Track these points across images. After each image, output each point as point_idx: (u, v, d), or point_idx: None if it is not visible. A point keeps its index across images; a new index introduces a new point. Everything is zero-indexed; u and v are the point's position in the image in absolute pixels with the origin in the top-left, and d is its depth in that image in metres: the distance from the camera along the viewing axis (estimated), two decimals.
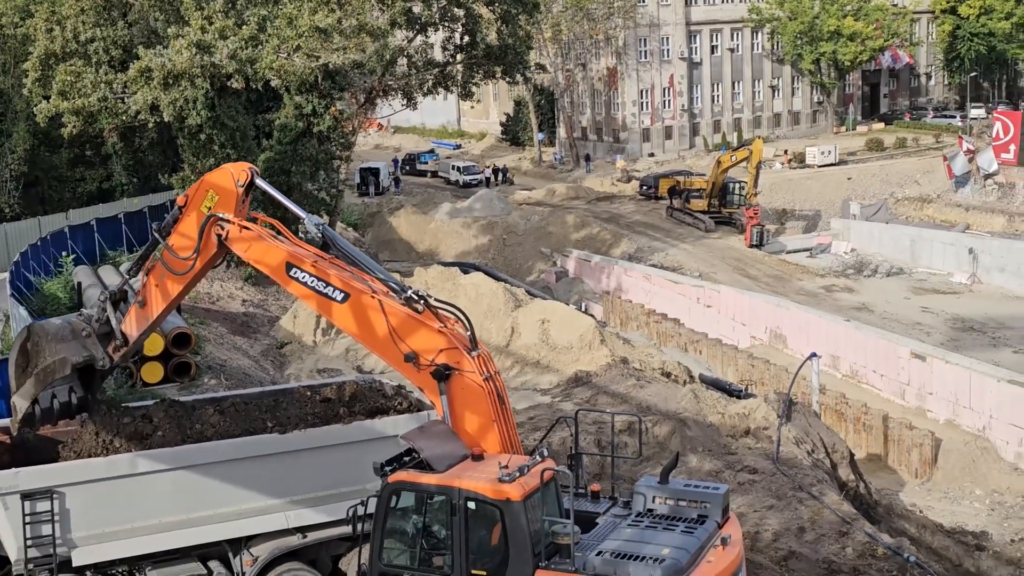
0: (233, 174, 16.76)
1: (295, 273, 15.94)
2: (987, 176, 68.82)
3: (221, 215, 16.47)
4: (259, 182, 16.89)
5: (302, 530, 18.94)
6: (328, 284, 15.72)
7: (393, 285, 15.77)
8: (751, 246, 65.09)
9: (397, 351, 15.45)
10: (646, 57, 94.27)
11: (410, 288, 15.77)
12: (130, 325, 17.65)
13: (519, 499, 14.01)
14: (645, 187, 79.29)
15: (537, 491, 14.26)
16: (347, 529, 17.03)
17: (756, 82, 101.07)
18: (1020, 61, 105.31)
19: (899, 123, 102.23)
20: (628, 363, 39.35)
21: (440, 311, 15.55)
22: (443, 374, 15.19)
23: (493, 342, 41.67)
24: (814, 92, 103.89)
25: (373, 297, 15.53)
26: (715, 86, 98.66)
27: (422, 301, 15.48)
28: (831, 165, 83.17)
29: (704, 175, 74.81)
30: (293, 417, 19.86)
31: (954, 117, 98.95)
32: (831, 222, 71.19)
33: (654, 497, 15.19)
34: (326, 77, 45.36)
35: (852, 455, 32.51)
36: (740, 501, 28.41)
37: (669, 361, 41.15)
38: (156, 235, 17.27)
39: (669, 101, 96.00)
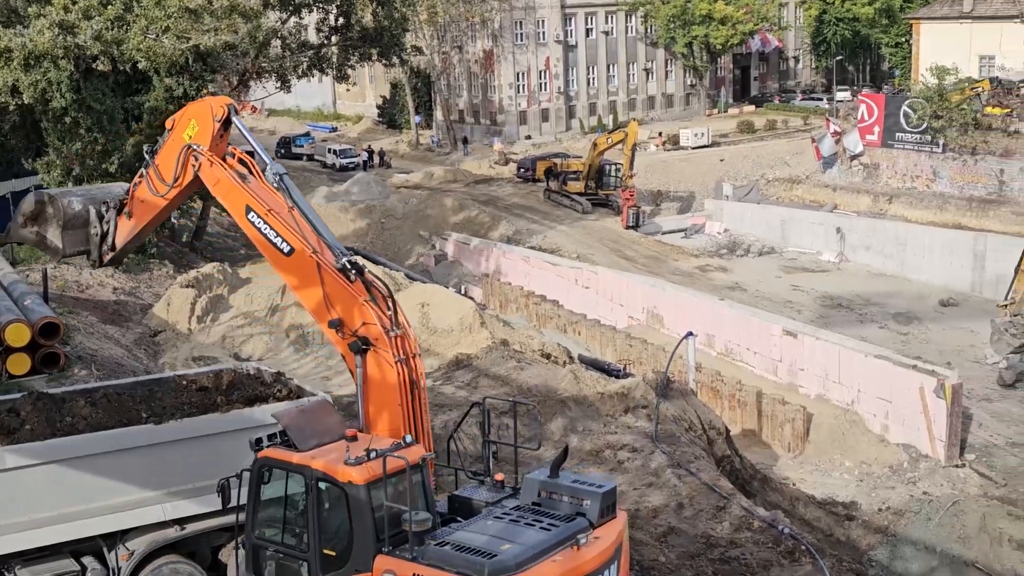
0: (212, 108, 17.45)
1: (251, 217, 16.62)
2: (853, 157, 70.76)
3: (196, 146, 17.30)
4: (235, 120, 17.52)
5: (180, 522, 18.53)
6: (278, 235, 16.26)
7: (335, 250, 16.02)
8: (628, 227, 65.89)
9: (326, 314, 15.84)
10: (522, 40, 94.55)
11: (347, 256, 15.91)
12: (119, 233, 18.89)
13: (362, 483, 14.03)
14: (523, 169, 79.59)
15: (388, 477, 13.95)
16: (227, 519, 16.80)
17: (631, 65, 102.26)
18: (883, 45, 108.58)
19: (769, 106, 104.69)
20: (508, 345, 39.45)
21: (374, 286, 15.73)
22: (360, 348, 15.39)
23: None
24: (687, 75, 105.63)
25: (312, 257, 15.82)
26: (591, 69, 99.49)
27: (355, 271, 15.65)
28: (704, 147, 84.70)
29: (581, 157, 75.40)
30: (169, 407, 19.41)
31: (821, 100, 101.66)
32: (705, 203, 72.47)
33: (539, 490, 14.91)
34: (197, 59, 44.26)
35: (728, 431, 33.23)
36: (620, 480, 28.78)
37: (549, 343, 41.44)
38: (146, 155, 18.37)
39: (545, 84, 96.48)
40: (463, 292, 51.78)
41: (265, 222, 16.44)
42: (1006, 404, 38.29)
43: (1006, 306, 37.99)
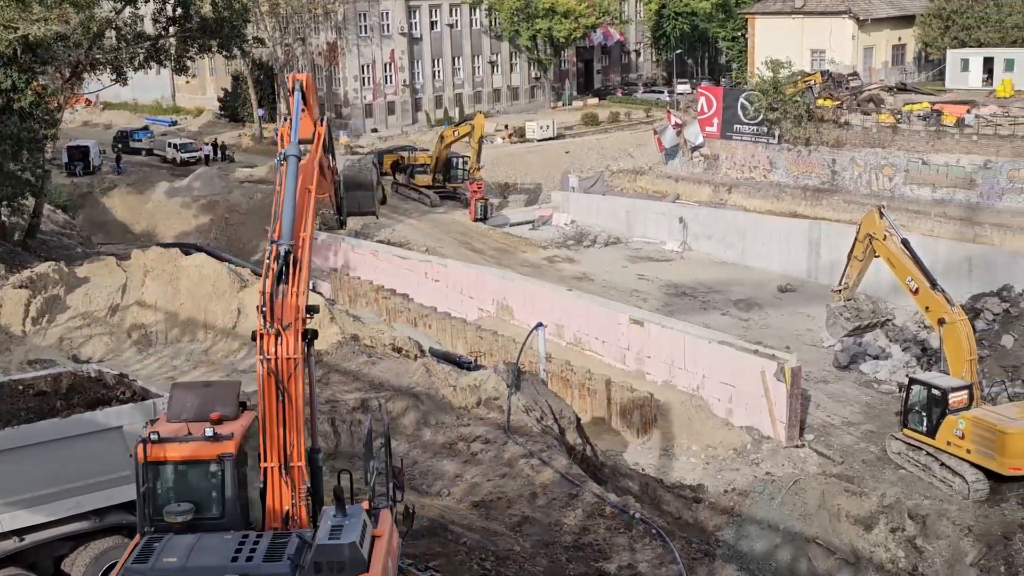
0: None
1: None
2: (694, 149, 72.49)
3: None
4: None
5: (19, 533, 17.81)
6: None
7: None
8: (476, 220, 66.05)
9: None
10: (366, 32, 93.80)
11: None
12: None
13: (140, 460, 14.73)
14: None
15: (176, 464, 14.84)
16: (70, 528, 16.28)
17: (476, 58, 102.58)
18: (720, 39, 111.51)
19: (612, 98, 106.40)
20: (359, 340, 39.17)
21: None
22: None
23: (219, 324, 40.53)
24: (532, 68, 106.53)
25: None
26: (436, 62, 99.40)
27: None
28: (550, 139, 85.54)
29: (428, 150, 75.26)
30: (4, 413, 18.63)
31: (662, 93, 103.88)
32: (551, 195, 73.19)
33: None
34: (26, 50, 42.53)
35: (579, 420, 33.70)
36: (474, 471, 28.93)
37: (400, 336, 41.32)
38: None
39: (391, 76, 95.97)
40: (311, 287, 51.09)
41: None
42: (841, 385, 39.82)
43: (840, 291, 39.36)
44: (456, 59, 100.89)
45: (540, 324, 38.03)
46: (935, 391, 31.86)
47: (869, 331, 41.18)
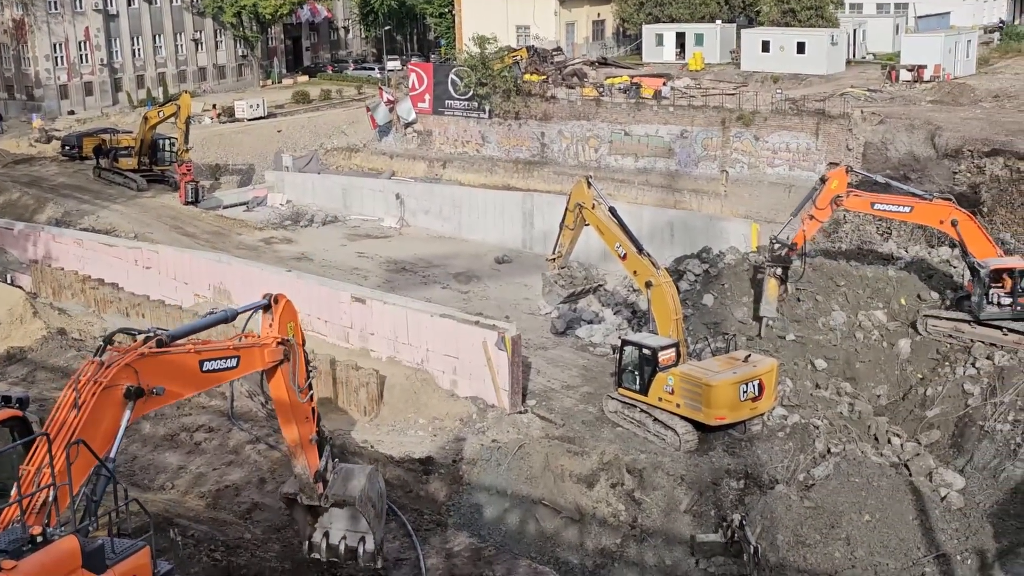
0: None
1: None
2: (407, 125, 72.90)
3: None
4: None
5: None
6: None
7: None
8: (187, 203, 63.96)
9: None
10: (56, 8, 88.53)
11: None
12: None
13: None
14: (68, 147, 74.67)
15: None
16: None
17: (178, 35, 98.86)
18: (428, 16, 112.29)
19: (323, 76, 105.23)
20: (66, 334, 37.27)
21: None
22: None
23: None
24: (238, 46, 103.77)
25: None
26: (135, 39, 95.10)
27: None
28: (261, 118, 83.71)
29: (131, 132, 72.03)
30: None
31: (373, 69, 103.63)
32: (265, 175, 71.84)
33: None
34: None
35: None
36: (199, 461, 28.16)
37: (111, 327, 39.49)
38: None
39: (87, 55, 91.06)
40: (10, 281, 48.10)
41: None
42: (559, 351, 41.23)
43: (554, 260, 40.64)
44: (157, 37, 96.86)
45: None
46: (645, 351, 33.50)
47: (583, 297, 42.76)
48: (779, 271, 40.21)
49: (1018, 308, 36.93)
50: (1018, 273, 37.08)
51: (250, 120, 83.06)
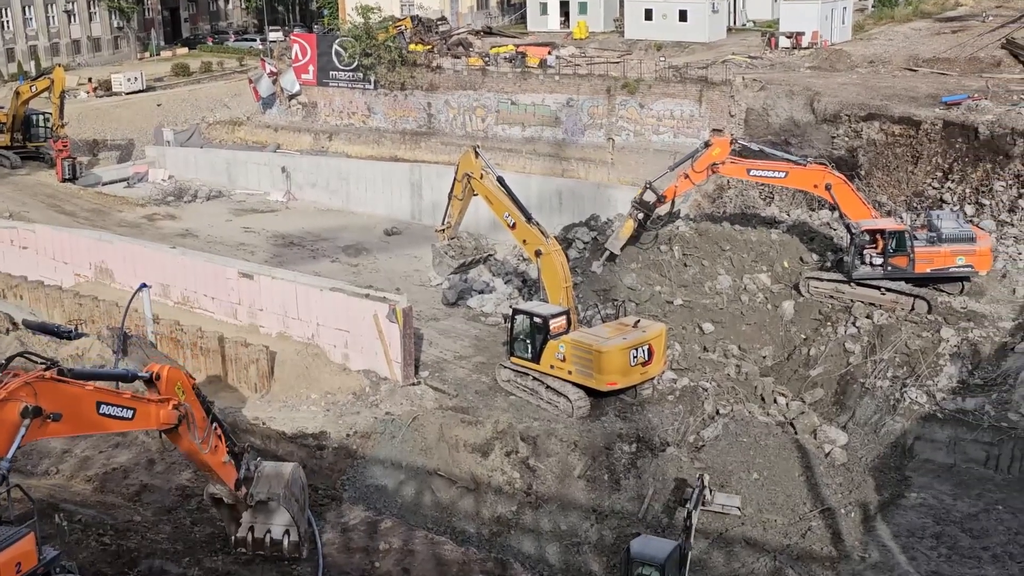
0: None
1: None
2: (291, 97, 71.79)
3: None
4: None
5: None
6: None
7: None
8: (64, 180, 62.18)
9: None
10: None
11: None
12: None
13: None
14: None
15: None
16: None
17: (49, 7, 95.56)
18: None
19: (203, 47, 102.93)
20: None
21: None
22: None
23: None
24: (113, 17, 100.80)
25: None
26: (3, 11, 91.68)
27: None
28: (139, 92, 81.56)
29: (3, 108, 69.56)
30: None
31: (255, 40, 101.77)
32: (146, 150, 70.18)
33: None
34: None
35: (193, 380, 32.75)
36: (84, 445, 27.54)
37: None
38: None
39: None
40: None
41: None
42: (451, 321, 41.26)
43: (443, 230, 40.54)
44: (27, 8, 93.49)
45: (144, 285, 36.49)
46: (536, 319, 33.72)
47: (473, 267, 42.80)
48: (640, 216, 41.06)
49: (889, 268, 38.11)
50: (889, 234, 38.25)
51: (128, 94, 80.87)
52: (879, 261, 38.31)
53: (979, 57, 59.52)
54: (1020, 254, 41.05)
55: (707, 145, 40.57)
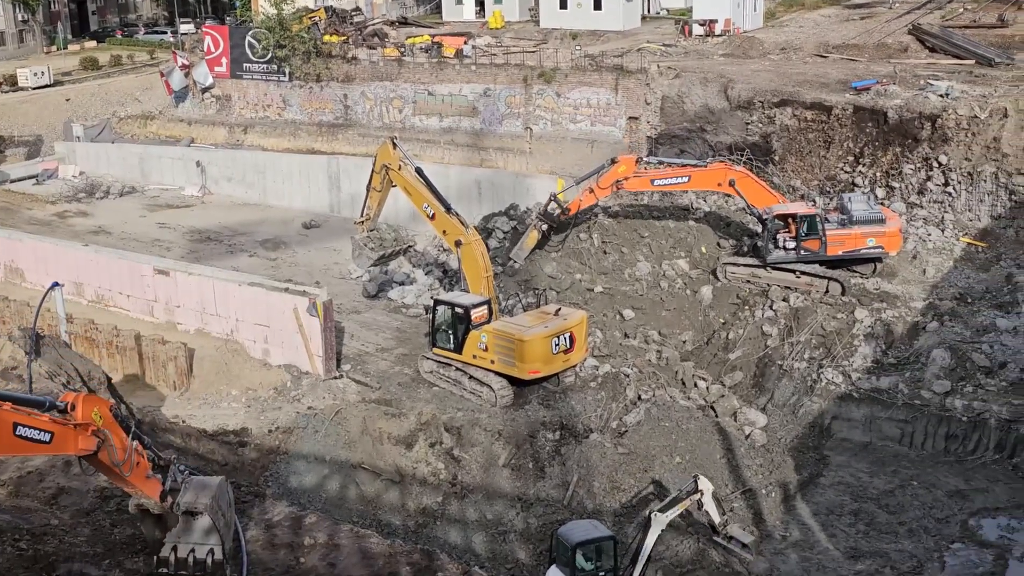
0: None
1: None
2: (204, 90, 70.66)
3: None
4: None
5: None
6: None
7: None
8: None
9: None
10: None
11: None
12: None
13: None
14: None
15: None
16: None
17: None
18: None
19: (112, 40, 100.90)
20: None
21: None
22: None
23: None
24: (17, 10, 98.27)
25: None
26: None
27: None
28: (46, 87, 79.67)
29: None
30: None
31: (165, 33, 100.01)
32: (55, 146, 68.62)
33: None
34: None
35: (109, 379, 32.25)
36: None
37: None
38: None
39: None
40: None
41: None
42: (372, 314, 41.06)
43: (362, 222, 40.30)
44: None
45: (56, 284, 35.68)
46: (458, 309, 33.71)
47: (393, 259, 42.68)
48: (544, 227, 41.37)
49: (802, 252, 38.80)
50: (800, 218, 38.95)
51: (35, 89, 78.95)
52: (792, 245, 39.00)
53: (887, 43, 60.72)
54: (930, 235, 42.05)
55: (613, 162, 40.96)
